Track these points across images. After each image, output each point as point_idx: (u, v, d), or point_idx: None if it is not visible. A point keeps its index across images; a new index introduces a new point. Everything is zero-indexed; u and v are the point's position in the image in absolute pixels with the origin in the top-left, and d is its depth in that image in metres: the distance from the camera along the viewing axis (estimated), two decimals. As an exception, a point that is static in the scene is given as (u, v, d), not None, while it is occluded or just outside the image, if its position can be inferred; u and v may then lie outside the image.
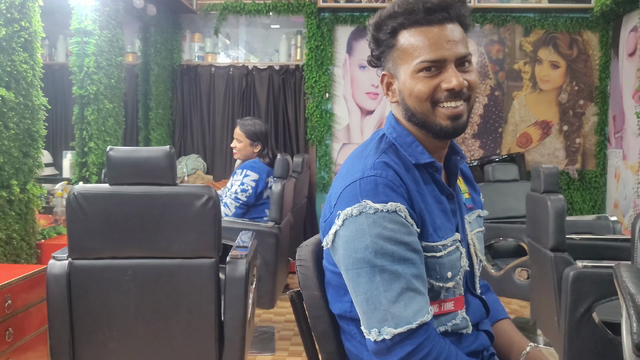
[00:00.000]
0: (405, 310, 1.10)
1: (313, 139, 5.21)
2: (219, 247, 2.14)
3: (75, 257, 2.07)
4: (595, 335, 2.49)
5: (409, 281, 1.11)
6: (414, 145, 1.23)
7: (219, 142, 5.34)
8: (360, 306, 1.15)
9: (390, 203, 1.12)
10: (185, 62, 5.35)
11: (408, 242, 1.13)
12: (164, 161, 2.08)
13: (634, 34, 4.52)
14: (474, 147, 5.28)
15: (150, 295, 2.10)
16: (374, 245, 1.11)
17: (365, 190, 1.13)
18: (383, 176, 1.15)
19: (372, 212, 1.11)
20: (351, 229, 1.13)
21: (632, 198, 4.52)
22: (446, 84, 1.17)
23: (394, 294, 1.10)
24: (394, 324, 1.10)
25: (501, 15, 5.15)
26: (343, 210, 1.15)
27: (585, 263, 2.53)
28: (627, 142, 4.69)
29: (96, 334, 2.09)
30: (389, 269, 1.11)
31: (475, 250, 1.35)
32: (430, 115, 1.20)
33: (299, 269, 1.34)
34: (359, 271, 1.13)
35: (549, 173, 2.75)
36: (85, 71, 3.55)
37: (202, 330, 2.12)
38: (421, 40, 1.17)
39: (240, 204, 3.33)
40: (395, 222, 1.12)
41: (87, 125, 3.57)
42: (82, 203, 2.04)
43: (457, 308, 1.25)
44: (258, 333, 3.50)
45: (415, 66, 1.18)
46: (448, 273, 1.21)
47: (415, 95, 1.19)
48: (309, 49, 5.13)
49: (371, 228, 1.11)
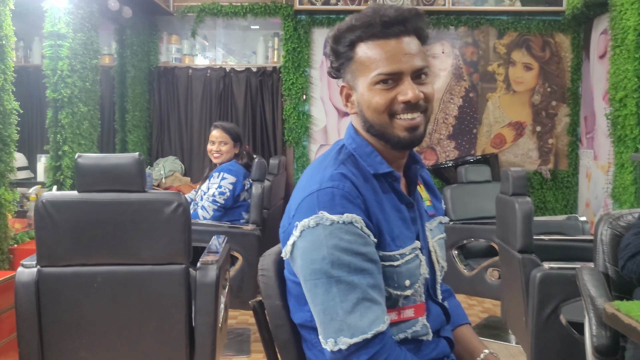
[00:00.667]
0: (361, 321, 1.11)
1: (290, 141, 5.23)
2: (189, 253, 2.15)
3: (44, 264, 2.07)
4: (562, 335, 2.55)
5: (365, 291, 1.13)
6: (373, 155, 1.25)
7: (197, 144, 5.34)
8: (317, 316, 1.16)
9: (347, 214, 1.13)
10: (163, 64, 5.34)
11: (364, 252, 1.14)
12: (133, 168, 2.08)
13: (604, 37, 4.60)
14: (449, 148, 5.33)
15: (120, 302, 2.10)
16: (330, 257, 1.12)
17: (323, 202, 1.15)
18: (340, 187, 1.16)
19: (329, 223, 1.13)
20: (308, 240, 1.15)
21: (602, 197, 4.60)
22: (402, 96, 1.18)
23: (350, 305, 1.12)
24: (349, 334, 1.11)
25: (475, 18, 5.21)
26: (301, 221, 1.16)
27: (552, 265, 2.59)
28: (597, 142, 4.77)
29: (66, 341, 2.09)
30: (345, 280, 1.12)
31: (437, 257, 1.36)
32: (388, 127, 1.21)
33: (261, 278, 1.36)
34: (316, 282, 1.14)
35: (517, 176, 2.81)
36: (59, 74, 3.53)
37: (173, 336, 2.13)
38: (378, 53, 1.19)
39: (218, 206, 3.34)
40: (351, 234, 1.13)
41: (61, 129, 3.55)
42: (51, 210, 2.04)
43: (418, 315, 1.26)
44: (234, 335, 3.52)
45: (373, 78, 1.19)
46: (406, 281, 1.22)
47: (372, 107, 1.21)
48: (286, 51, 5.15)
49: (328, 239, 1.13)
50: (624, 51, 3.72)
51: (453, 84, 5.30)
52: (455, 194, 4.10)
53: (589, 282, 1.87)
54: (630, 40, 3.64)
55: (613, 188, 3.95)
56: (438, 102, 5.28)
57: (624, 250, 1.71)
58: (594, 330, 1.74)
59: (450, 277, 3.85)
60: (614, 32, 3.88)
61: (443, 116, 5.32)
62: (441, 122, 5.32)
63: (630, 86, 3.64)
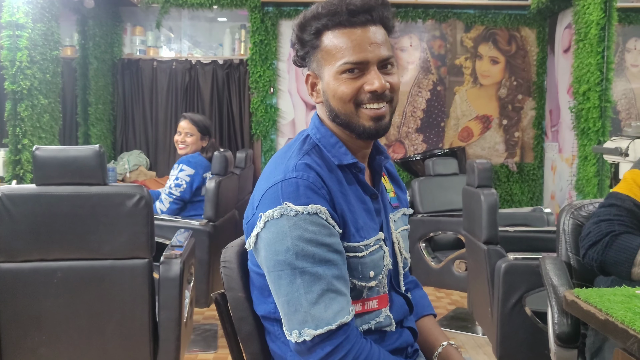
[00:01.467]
0: (326, 312, 1.11)
1: (258, 134, 5.19)
2: (152, 247, 2.11)
3: (2, 260, 2.01)
4: (526, 324, 2.58)
5: (329, 282, 1.12)
6: (338, 146, 1.24)
7: (162, 138, 5.26)
8: (281, 308, 1.15)
9: (311, 205, 1.12)
10: (126, 55, 5.24)
11: (329, 243, 1.13)
12: (94, 160, 2.03)
13: (568, 31, 4.68)
14: (417, 141, 5.36)
15: (81, 298, 2.05)
16: (294, 248, 1.11)
17: (287, 193, 1.13)
18: (304, 178, 1.15)
19: (293, 214, 1.12)
20: (272, 232, 1.13)
21: (567, 190, 4.68)
22: (368, 85, 1.18)
23: (314, 296, 1.11)
24: (314, 325, 1.11)
25: (442, 11, 5.24)
26: (264, 212, 1.14)
27: (516, 255, 2.62)
28: (562, 135, 4.85)
29: (25, 338, 2.04)
30: (309, 271, 1.11)
31: (400, 248, 1.37)
32: (354, 117, 1.21)
33: (224, 270, 1.34)
34: (280, 273, 1.13)
35: (483, 168, 2.83)
36: (18, 66, 3.43)
37: (136, 332, 2.09)
38: (344, 42, 1.18)
39: (174, 199, 3.26)
40: (316, 224, 1.12)
41: (21, 122, 3.46)
42: (7, 204, 1.98)
43: (381, 306, 1.26)
44: (201, 331, 3.48)
45: (339, 67, 1.18)
46: (370, 272, 1.22)
47: (338, 96, 1.20)
48: (253, 43, 5.10)
49: (292, 230, 1.12)
50: (587, 45, 3.78)
51: (421, 77, 5.32)
52: (423, 186, 4.12)
53: (552, 271, 1.89)
54: (593, 35, 3.70)
55: (577, 180, 4.02)
56: (406, 96, 5.30)
57: (585, 239, 1.73)
58: (556, 318, 1.76)
59: (418, 270, 3.89)
60: (577, 27, 3.94)
61: (411, 109, 5.34)
62: (409, 116, 5.34)
63: (593, 80, 3.70)
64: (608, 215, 1.71)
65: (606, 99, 3.70)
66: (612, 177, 3.66)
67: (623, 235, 1.63)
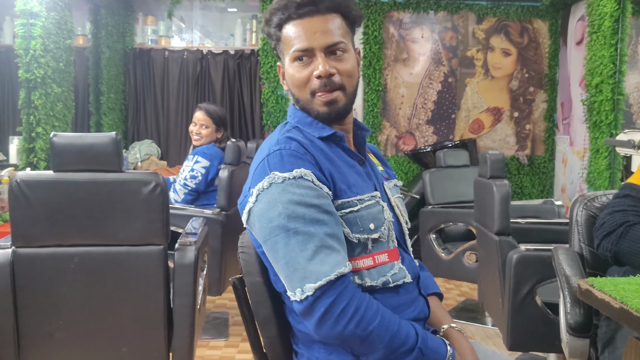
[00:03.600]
0: (322, 266, 1.14)
1: (269, 125, 5.19)
2: (168, 234, 2.12)
3: (19, 245, 2.03)
4: (537, 315, 2.59)
5: (323, 239, 1.16)
6: (314, 123, 1.31)
7: (173, 128, 5.28)
8: (282, 271, 1.19)
9: (296, 170, 1.19)
10: (138, 45, 5.25)
11: (318, 204, 1.18)
12: (110, 147, 2.05)
13: (581, 23, 4.65)
14: (428, 133, 5.36)
15: (98, 284, 2.08)
16: (285, 211, 1.17)
17: (273, 164, 1.20)
18: (287, 148, 1.22)
19: (281, 181, 1.18)
20: (264, 202, 1.19)
21: (577, 182, 4.67)
22: (316, 71, 1.26)
23: (310, 252, 1.15)
24: (313, 279, 1.14)
25: (454, 2, 5.22)
26: (255, 186, 1.21)
27: (528, 246, 2.62)
28: (574, 128, 4.83)
29: (42, 323, 2.06)
30: (302, 230, 1.16)
31: (400, 211, 1.42)
32: (310, 103, 1.30)
33: (241, 255, 1.35)
34: (276, 238, 1.18)
35: (495, 159, 2.83)
36: (32, 54, 3.45)
37: (151, 318, 2.11)
38: (294, 32, 1.27)
39: (189, 190, 3.28)
40: (303, 187, 1.18)
41: (35, 110, 3.48)
42: (25, 190, 2.00)
43: (392, 259, 1.29)
44: (212, 319, 3.51)
45: (291, 55, 1.28)
46: (370, 225, 1.26)
47: (294, 82, 1.30)
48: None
49: (281, 195, 1.17)
50: (600, 37, 3.76)
51: (432, 69, 5.31)
52: (433, 178, 4.12)
53: (564, 261, 1.89)
54: (606, 27, 3.68)
55: (588, 173, 4.01)
56: (417, 87, 5.29)
57: (599, 229, 1.73)
58: (568, 308, 1.76)
59: (428, 261, 3.90)
60: (590, 19, 3.91)
61: (422, 101, 5.33)
62: (420, 107, 5.33)
63: (606, 72, 3.68)
64: (622, 206, 1.71)
65: (619, 91, 3.68)
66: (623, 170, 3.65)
67: (637, 225, 1.64)
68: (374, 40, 5.18)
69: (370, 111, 5.20)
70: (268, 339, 1.33)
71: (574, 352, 1.77)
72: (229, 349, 3.09)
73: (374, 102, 5.20)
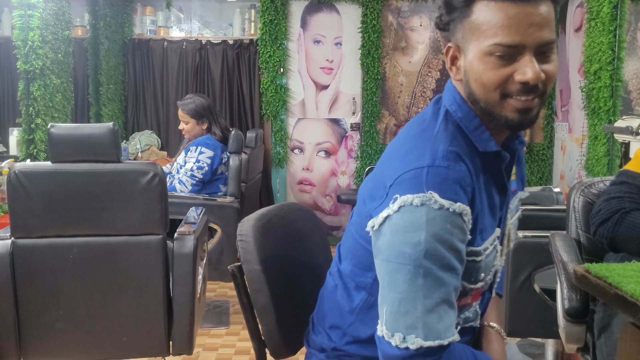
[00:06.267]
0: (439, 324, 0.99)
1: (268, 114, 5.19)
2: (166, 223, 2.14)
3: (18, 236, 2.05)
4: (535, 301, 2.60)
5: (449, 293, 1.01)
6: (480, 130, 1.09)
7: (173, 118, 5.27)
8: (389, 304, 1.02)
9: (459, 204, 0.99)
10: (137, 36, 5.24)
11: (460, 250, 1.01)
12: (108, 138, 2.06)
13: (580, 10, 4.63)
14: (427, 121, 5.35)
15: (97, 273, 2.09)
16: (427, 244, 0.98)
17: (432, 182, 0.99)
18: (456, 170, 1.01)
19: (437, 207, 0.98)
20: (406, 219, 1.00)
21: (576, 170, 4.68)
22: (520, 75, 1.01)
23: (432, 303, 0.99)
24: (423, 335, 0.99)
25: (453, -10, 5.19)
26: (402, 195, 1.00)
27: (526, 233, 2.63)
28: (572, 115, 4.83)
29: (42, 313, 2.08)
30: (434, 274, 0.99)
31: (509, 241, 1.26)
32: (497, 106, 1.05)
33: (240, 243, 1.37)
34: (401, 267, 1.00)
35: (493, 147, 2.83)
36: (30, 45, 3.45)
37: (151, 307, 2.13)
38: (500, 18, 0.99)
39: (197, 181, 3.34)
40: (455, 226, 0.99)
41: (34, 101, 3.49)
42: (24, 181, 2.01)
43: (473, 300, 1.19)
44: (213, 307, 3.53)
45: (487, 48, 1.01)
46: (481, 275, 1.13)
47: (482, 82, 1.03)
48: (263, 23, 5.08)
49: (429, 224, 0.98)
50: (598, 24, 3.75)
51: (431, 57, 5.30)
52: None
53: (561, 247, 1.90)
54: (605, 13, 3.66)
55: (586, 160, 4.01)
56: (416, 76, 5.28)
57: (596, 216, 1.74)
58: (565, 293, 1.78)
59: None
60: (589, 5, 3.90)
61: (421, 89, 5.32)
62: (419, 96, 5.33)
63: (605, 59, 3.68)
64: (619, 192, 1.72)
65: (617, 78, 3.68)
66: (622, 157, 3.65)
67: (633, 212, 1.64)
68: (373, 28, 5.16)
69: (369, 100, 5.19)
70: (266, 327, 1.35)
71: (570, 338, 1.79)
72: (230, 337, 3.12)
73: (372, 90, 5.19)
